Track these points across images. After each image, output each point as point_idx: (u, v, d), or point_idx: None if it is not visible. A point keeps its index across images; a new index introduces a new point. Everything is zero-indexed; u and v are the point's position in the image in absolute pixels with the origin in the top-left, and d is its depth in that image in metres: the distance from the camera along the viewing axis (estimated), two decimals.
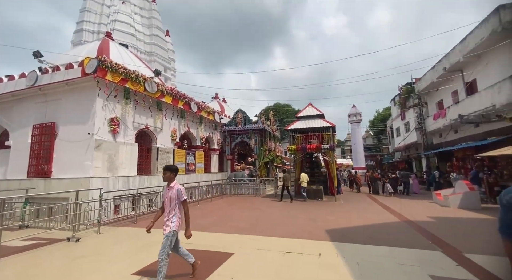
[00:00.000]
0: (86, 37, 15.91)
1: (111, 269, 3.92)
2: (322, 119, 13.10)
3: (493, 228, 3.07)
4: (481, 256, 4.17)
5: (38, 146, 8.66)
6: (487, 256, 4.14)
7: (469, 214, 8.06)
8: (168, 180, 3.36)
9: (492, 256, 4.12)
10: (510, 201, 1.68)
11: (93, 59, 8.40)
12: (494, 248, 4.35)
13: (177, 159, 11.68)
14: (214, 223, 7.03)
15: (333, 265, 3.90)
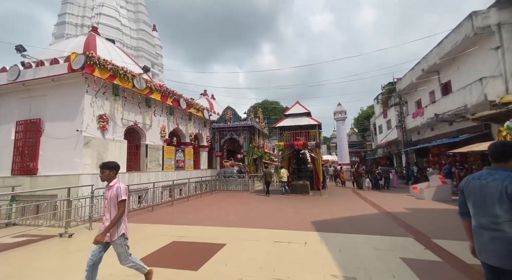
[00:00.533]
0: (69, 30, 15.36)
1: (110, 261, 4.07)
2: (309, 117, 13.57)
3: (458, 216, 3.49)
4: (447, 241, 4.72)
5: (23, 143, 8.48)
6: (451, 241, 4.69)
7: (441, 205, 8.81)
8: (107, 179, 2.99)
9: (455, 240, 4.68)
10: (462, 185, 2.06)
11: (80, 55, 8.30)
12: (458, 234, 4.92)
13: (166, 156, 11.75)
14: (205, 218, 7.28)
15: (317, 252, 4.29)
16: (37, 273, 3.74)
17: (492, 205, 1.76)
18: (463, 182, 2.05)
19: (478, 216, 1.86)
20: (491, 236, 1.75)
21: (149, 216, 7.70)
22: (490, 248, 1.76)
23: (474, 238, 1.91)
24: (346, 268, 3.58)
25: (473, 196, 1.90)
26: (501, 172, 1.80)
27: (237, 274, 3.44)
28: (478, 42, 11.18)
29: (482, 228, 1.82)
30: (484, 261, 1.82)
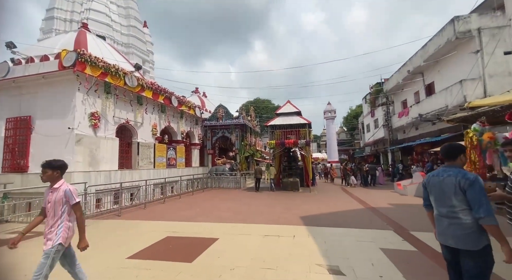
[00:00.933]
0: (58, 25, 15.01)
1: (106, 255, 4.27)
2: (299, 116, 13.90)
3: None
4: (423, 233, 5.12)
5: (13, 140, 8.39)
6: (428, 233, 5.09)
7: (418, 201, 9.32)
8: (50, 180, 2.58)
9: (431, 233, 5.08)
10: (425, 182, 2.38)
11: (71, 52, 8.26)
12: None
13: (158, 154, 11.81)
14: (198, 214, 7.49)
15: (304, 244, 4.60)
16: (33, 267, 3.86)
17: (449, 197, 2.08)
18: (426, 180, 2.38)
19: (439, 207, 2.19)
20: (450, 223, 2.08)
21: (142, 213, 7.83)
22: (448, 232, 2.08)
23: (436, 224, 2.24)
24: (330, 258, 3.90)
25: (434, 190, 2.23)
26: (453, 169, 2.14)
27: (230, 265, 3.69)
28: (459, 46, 11.77)
29: (442, 216, 2.15)
30: (443, 243, 2.15)
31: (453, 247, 2.07)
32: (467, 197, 2.00)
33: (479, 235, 1.96)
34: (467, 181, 1.99)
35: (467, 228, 1.98)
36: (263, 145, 25.93)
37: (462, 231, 2.00)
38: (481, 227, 1.96)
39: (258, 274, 3.37)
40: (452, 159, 2.22)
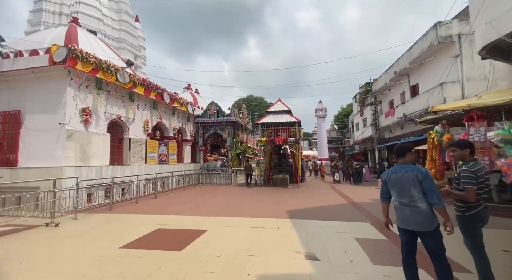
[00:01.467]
0: (46, 18, 14.72)
1: (99, 245, 4.50)
2: (290, 114, 14.25)
3: None
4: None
5: (1, 135, 8.38)
6: None
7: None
8: None
9: None
10: (385, 178, 2.75)
11: (61, 47, 8.28)
12: None
13: (149, 150, 11.94)
14: (189, 208, 7.75)
15: (287, 235, 4.95)
16: (36, 254, 4.06)
17: (409, 189, 2.51)
18: (385, 176, 2.79)
19: (401, 198, 2.60)
20: (411, 211, 2.51)
21: (133, 207, 8.03)
22: (410, 218, 2.51)
23: (398, 212, 2.64)
24: (309, 246, 4.26)
25: (396, 184, 2.64)
26: (408, 166, 2.60)
27: (216, 253, 4.00)
28: (441, 50, 12.34)
29: (404, 206, 2.57)
30: (405, 228, 2.57)
31: (411, 230, 2.53)
32: (423, 187, 2.45)
33: (432, 218, 2.44)
34: (422, 174, 2.47)
35: (424, 214, 2.44)
36: (255, 142, 26.23)
37: (421, 217, 2.45)
38: (433, 211, 2.44)
39: (242, 260, 3.69)
40: (402, 157, 2.72)
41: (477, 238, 2.68)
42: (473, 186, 2.62)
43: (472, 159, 2.87)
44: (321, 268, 3.44)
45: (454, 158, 3.00)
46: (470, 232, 2.71)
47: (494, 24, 4.03)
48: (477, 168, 2.73)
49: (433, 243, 2.48)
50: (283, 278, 3.16)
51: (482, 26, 4.37)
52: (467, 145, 2.90)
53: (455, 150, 2.96)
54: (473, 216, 2.69)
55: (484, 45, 4.42)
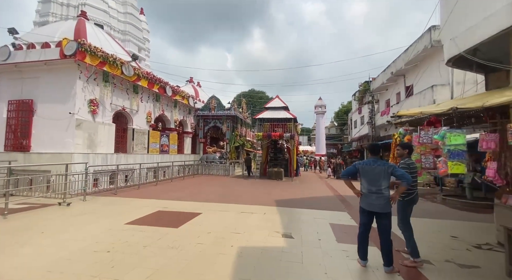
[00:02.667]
0: (54, 9, 15.18)
1: (107, 221, 5.20)
2: (287, 111, 14.81)
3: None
4: None
5: (15, 122, 9.05)
6: None
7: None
8: None
9: None
10: (358, 167, 3.36)
11: (71, 42, 8.83)
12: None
13: (151, 140, 12.61)
14: (187, 195, 8.45)
15: (271, 219, 5.63)
16: (59, 225, 4.77)
17: (379, 179, 3.19)
18: (359, 165, 3.43)
19: (370, 186, 3.26)
20: (377, 197, 3.20)
21: (136, 193, 8.75)
22: (375, 203, 3.19)
23: (366, 198, 3.28)
24: (287, 228, 4.94)
25: (367, 175, 3.30)
26: (379, 161, 3.28)
27: (207, 230, 4.69)
28: (434, 53, 12.74)
29: (372, 193, 3.24)
30: (371, 210, 3.24)
31: (373, 212, 3.24)
32: (397, 174, 3.13)
33: (389, 203, 3.16)
34: (391, 168, 3.19)
35: (386, 199, 3.15)
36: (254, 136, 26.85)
37: (383, 201, 3.16)
38: (389, 198, 3.15)
39: (228, 236, 4.38)
40: (376, 154, 3.40)
41: (407, 215, 3.57)
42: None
43: (408, 156, 3.70)
44: (293, 243, 4.12)
45: (397, 155, 3.77)
46: (404, 211, 3.58)
47: (456, 40, 4.55)
48: (410, 162, 3.69)
49: (386, 222, 3.22)
50: (260, 249, 3.84)
51: (447, 41, 4.90)
52: (407, 146, 3.82)
53: (399, 149, 3.79)
54: (410, 200, 3.57)
55: (448, 58, 4.97)
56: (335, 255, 3.71)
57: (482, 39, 4.08)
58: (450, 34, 4.80)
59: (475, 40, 4.23)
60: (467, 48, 4.41)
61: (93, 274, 2.91)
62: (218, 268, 3.17)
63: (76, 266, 3.13)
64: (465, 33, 4.41)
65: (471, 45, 4.31)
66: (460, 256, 3.77)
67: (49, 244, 3.89)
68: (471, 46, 4.33)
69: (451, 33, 4.80)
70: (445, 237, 4.68)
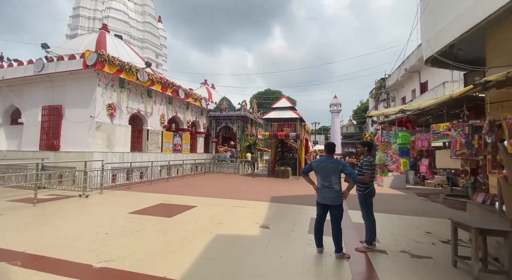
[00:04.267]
0: (82, 22, 16.94)
1: (115, 211, 6.03)
2: (293, 110, 15.04)
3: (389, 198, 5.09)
4: (354, 211, 6.41)
5: (48, 124, 10.43)
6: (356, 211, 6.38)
7: (391, 191, 10.43)
8: None
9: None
10: (313, 165, 3.74)
11: (92, 53, 9.96)
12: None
13: (165, 140, 13.61)
14: (190, 191, 9.17)
15: (257, 212, 6.08)
16: (75, 212, 5.69)
17: (330, 175, 3.56)
18: (314, 163, 3.78)
19: (323, 181, 3.63)
20: (328, 191, 3.57)
21: (147, 188, 9.66)
22: (328, 196, 3.57)
23: (320, 192, 3.67)
24: (267, 220, 5.36)
25: (321, 171, 3.67)
26: (332, 159, 3.64)
27: (194, 220, 5.28)
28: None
29: (324, 187, 3.62)
30: (323, 203, 3.61)
31: (326, 205, 3.60)
32: (345, 172, 3.51)
33: (340, 197, 3.53)
34: (341, 165, 3.56)
35: (336, 193, 3.53)
36: None
37: (334, 195, 3.53)
38: (341, 192, 3.52)
39: (211, 225, 4.92)
40: (331, 152, 3.77)
41: (369, 206, 3.94)
42: (369, 171, 3.78)
43: (369, 154, 3.97)
44: (266, 233, 4.55)
45: (359, 152, 4.06)
46: (366, 203, 3.95)
47: (430, 42, 4.64)
48: (371, 159, 3.95)
49: (337, 213, 3.60)
50: (234, 236, 4.33)
51: (424, 42, 4.98)
52: (366, 144, 4.10)
53: (360, 147, 4.06)
54: (368, 193, 3.95)
55: (426, 59, 5.05)
56: (299, 243, 4.08)
57: (449, 41, 4.19)
58: (426, 36, 4.91)
59: (444, 41, 4.33)
60: (439, 49, 4.51)
61: (90, 249, 3.62)
62: (190, 249, 3.72)
63: (78, 243, 3.87)
64: (437, 35, 4.51)
65: (442, 46, 4.41)
66: (420, 248, 3.96)
67: (62, 226, 4.73)
68: (441, 47, 4.43)
69: (426, 34, 4.90)
70: (419, 233, 4.81)
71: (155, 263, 3.22)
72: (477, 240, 2.93)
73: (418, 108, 3.59)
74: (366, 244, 3.90)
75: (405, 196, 9.71)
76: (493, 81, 2.46)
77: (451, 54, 4.81)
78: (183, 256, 3.45)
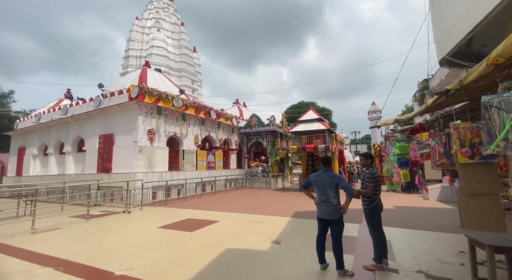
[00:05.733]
0: (132, 61, 20.00)
1: (147, 225, 6.76)
2: (321, 122, 14.78)
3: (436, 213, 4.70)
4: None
5: (103, 151, 12.32)
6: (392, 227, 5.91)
7: (438, 205, 9.26)
8: None
9: (395, 227, 5.87)
10: (311, 179, 3.79)
11: (136, 87, 11.65)
12: (403, 223, 6.05)
13: (199, 158, 14.64)
14: (218, 206, 9.64)
15: (275, 228, 6.12)
16: (116, 226, 6.61)
17: (326, 189, 3.58)
18: (312, 177, 3.84)
19: (321, 195, 3.67)
20: (326, 205, 3.58)
21: (181, 204, 10.48)
22: (326, 211, 3.57)
23: (319, 206, 3.68)
24: (282, 236, 5.39)
25: (318, 185, 3.70)
26: (329, 172, 3.65)
27: (212, 234, 5.61)
28: None
29: (322, 201, 3.64)
30: (322, 217, 3.61)
31: (325, 219, 3.59)
32: (341, 186, 3.49)
33: (338, 211, 3.50)
34: (337, 178, 3.55)
35: (334, 207, 3.51)
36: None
37: (331, 209, 3.53)
38: (339, 207, 3.49)
39: (225, 240, 5.18)
40: (328, 166, 3.78)
41: (375, 221, 3.72)
42: (372, 183, 3.62)
43: (371, 166, 3.78)
44: (275, 248, 4.61)
45: (361, 165, 3.89)
46: (372, 218, 3.74)
47: (440, 44, 4.35)
48: (374, 171, 3.76)
49: (336, 228, 3.54)
50: (243, 251, 4.51)
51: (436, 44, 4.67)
52: (368, 156, 3.86)
53: (362, 159, 3.91)
54: (373, 207, 3.72)
55: (439, 60, 4.70)
56: (305, 259, 4.05)
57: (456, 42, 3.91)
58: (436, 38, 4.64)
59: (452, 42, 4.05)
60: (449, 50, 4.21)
61: (115, 259, 4.21)
62: (199, 261, 4.03)
63: (109, 252, 4.53)
64: (445, 37, 4.25)
65: (451, 47, 4.12)
66: (441, 269, 3.56)
67: (103, 239, 5.55)
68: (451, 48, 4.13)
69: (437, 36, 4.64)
70: (450, 252, 4.28)
71: (163, 273, 3.61)
72: (493, 258, 2.58)
73: (407, 117, 3.38)
74: (375, 261, 3.66)
75: (454, 210, 8.48)
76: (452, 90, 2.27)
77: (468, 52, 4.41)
78: (190, 268, 3.76)
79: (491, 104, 2.49)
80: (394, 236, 5.29)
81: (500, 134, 2.35)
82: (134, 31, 20.12)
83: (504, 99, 2.36)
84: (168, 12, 22.40)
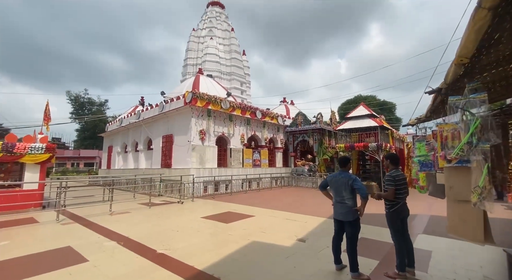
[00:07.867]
0: (189, 69, 22.42)
1: (194, 214, 7.75)
2: (372, 118, 13.61)
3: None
4: (429, 235, 5.34)
5: (165, 149, 14.36)
6: (438, 237, 5.29)
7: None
8: None
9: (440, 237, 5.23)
10: (328, 180, 3.86)
11: (189, 93, 13.15)
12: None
13: (245, 156, 15.47)
14: (259, 202, 10.13)
15: (304, 226, 6.21)
16: (169, 214, 7.84)
17: (341, 190, 3.66)
18: (329, 178, 3.91)
19: (336, 196, 3.76)
20: (341, 206, 3.66)
21: (227, 198, 11.41)
22: (341, 212, 3.65)
23: (334, 207, 3.75)
24: (308, 234, 5.46)
25: (334, 186, 3.79)
26: (344, 173, 3.68)
27: (244, 227, 6.09)
28: None
29: (338, 202, 3.73)
30: (337, 218, 3.69)
31: (340, 220, 3.66)
32: (355, 187, 3.51)
33: (353, 212, 3.53)
34: (352, 180, 3.58)
35: (348, 208, 3.56)
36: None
37: (345, 210, 3.59)
38: (354, 209, 3.49)
39: (255, 233, 5.58)
40: (344, 166, 3.78)
41: (396, 227, 3.52)
42: (392, 186, 3.45)
43: (394, 167, 3.57)
44: (298, 246, 4.76)
45: (385, 166, 3.67)
46: (393, 223, 3.56)
47: None
48: (396, 174, 3.55)
49: (350, 230, 3.53)
50: (266, 244, 4.83)
51: None
52: (388, 157, 3.67)
53: (384, 160, 3.69)
54: (394, 212, 3.54)
55: None
56: (323, 259, 4.11)
57: None
58: None
59: None
60: None
61: (161, 240, 5.10)
62: (225, 249, 4.54)
63: (158, 235, 5.49)
64: None
65: None
66: None
67: (157, 223, 6.68)
68: None
69: None
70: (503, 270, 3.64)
71: (193, 256, 4.24)
72: None
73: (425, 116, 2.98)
74: (397, 269, 3.47)
75: None
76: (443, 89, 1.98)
77: None
78: (215, 255, 4.30)
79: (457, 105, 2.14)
80: (440, 246, 4.76)
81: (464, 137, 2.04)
82: (191, 42, 22.59)
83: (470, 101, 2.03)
84: (220, 20, 24.18)
